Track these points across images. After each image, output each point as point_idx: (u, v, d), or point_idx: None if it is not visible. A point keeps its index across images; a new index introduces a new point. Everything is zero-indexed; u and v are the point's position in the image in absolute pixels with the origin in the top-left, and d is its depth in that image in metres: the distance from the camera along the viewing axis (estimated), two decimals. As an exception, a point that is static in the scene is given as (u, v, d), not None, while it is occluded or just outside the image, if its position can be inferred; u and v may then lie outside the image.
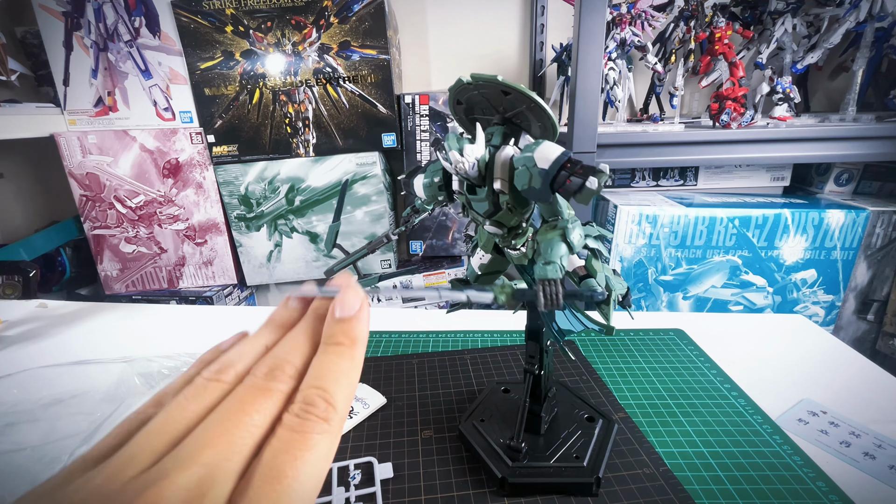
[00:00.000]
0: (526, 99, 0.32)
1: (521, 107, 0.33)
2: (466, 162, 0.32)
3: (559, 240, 0.32)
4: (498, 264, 0.42)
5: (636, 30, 1.11)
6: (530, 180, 0.31)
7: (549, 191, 0.31)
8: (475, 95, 0.35)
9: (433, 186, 0.39)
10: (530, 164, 0.31)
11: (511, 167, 0.33)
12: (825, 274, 1.07)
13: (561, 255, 0.31)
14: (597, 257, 0.34)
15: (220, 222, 1.32)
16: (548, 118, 0.33)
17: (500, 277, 0.42)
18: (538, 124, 0.34)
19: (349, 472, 0.41)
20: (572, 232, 0.32)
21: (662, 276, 1.10)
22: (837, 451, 0.43)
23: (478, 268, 0.43)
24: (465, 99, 0.36)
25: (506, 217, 0.35)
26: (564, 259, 0.32)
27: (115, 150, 1.23)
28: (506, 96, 0.33)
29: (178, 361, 0.58)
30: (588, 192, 0.29)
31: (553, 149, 0.31)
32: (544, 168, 0.30)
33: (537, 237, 0.34)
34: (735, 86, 1.04)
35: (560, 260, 0.31)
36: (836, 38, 1.08)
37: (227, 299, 1.36)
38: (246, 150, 1.26)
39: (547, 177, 0.30)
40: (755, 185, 1.22)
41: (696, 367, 0.56)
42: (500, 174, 0.33)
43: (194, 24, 1.16)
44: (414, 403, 0.51)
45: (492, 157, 0.34)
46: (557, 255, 0.31)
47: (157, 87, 1.21)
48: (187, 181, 1.27)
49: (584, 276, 0.33)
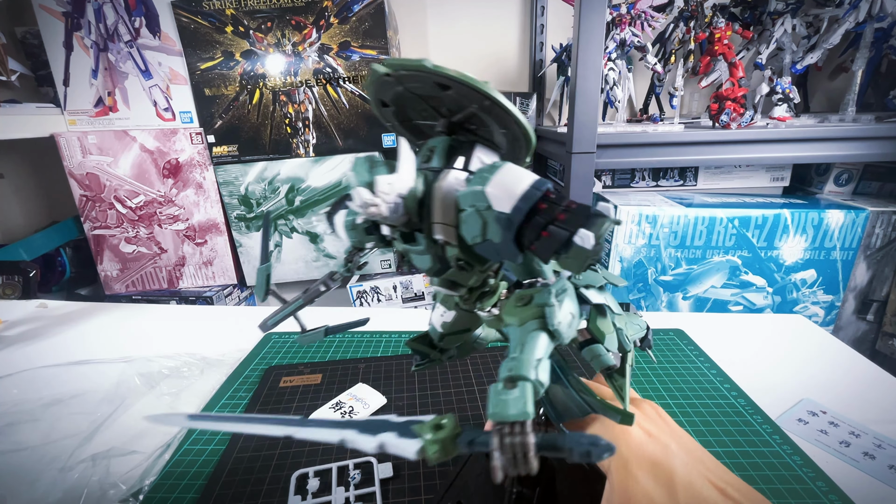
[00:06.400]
0: (475, 94, 0.21)
1: (470, 107, 0.23)
2: (382, 203, 0.22)
3: (536, 332, 0.20)
4: (466, 321, 0.31)
5: (636, 30, 1.11)
6: (484, 230, 0.21)
7: (514, 248, 0.20)
8: (402, 93, 0.24)
9: (358, 229, 0.27)
10: (481, 206, 0.20)
11: (457, 208, 0.22)
12: (825, 274, 1.07)
13: (537, 365, 0.18)
14: (604, 313, 0.26)
15: (220, 222, 1.32)
16: (514, 122, 0.22)
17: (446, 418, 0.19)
18: (501, 131, 0.23)
19: (349, 472, 0.41)
20: (558, 312, 0.20)
21: (662, 277, 1.10)
22: (837, 451, 0.43)
23: (440, 326, 0.32)
24: (391, 99, 0.25)
25: (460, 277, 0.25)
26: (544, 371, 0.18)
27: (115, 150, 1.23)
28: (445, 91, 0.22)
29: (178, 361, 0.58)
30: (579, 252, 0.18)
31: (517, 178, 0.20)
32: (504, 212, 0.20)
33: (503, 315, 0.22)
34: (735, 86, 1.04)
35: (535, 375, 0.18)
36: (836, 38, 1.08)
37: (227, 299, 1.36)
38: (246, 151, 1.26)
39: (510, 226, 0.20)
40: (755, 186, 1.22)
41: (696, 367, 0.56)
42: (442, 218, 0.22)
43: (194, 25, 1.16)
44: (414, 403, 0.51)
45: (428, 190, 0.23)
46: (530, 366, 0.18)
47: (157, 88, 1.21)
48: (187, 181, 1.27)
49: (588, 342, 0.25)
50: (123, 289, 1.35)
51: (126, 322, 0.74)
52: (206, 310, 0.78)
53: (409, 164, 0.22)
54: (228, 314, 0.76)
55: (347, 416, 0.47)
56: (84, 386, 0.54)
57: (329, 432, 0.21)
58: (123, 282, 1.34)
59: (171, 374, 0.56)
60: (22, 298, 1.04)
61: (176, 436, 0.46)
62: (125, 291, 1.35)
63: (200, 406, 0.51)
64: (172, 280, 1.35)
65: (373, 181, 0.22)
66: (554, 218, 0.19)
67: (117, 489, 0.40)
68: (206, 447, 0.45)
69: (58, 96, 1.19)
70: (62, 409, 0.50)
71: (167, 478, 0.41)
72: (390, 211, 0.22)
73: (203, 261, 1.34)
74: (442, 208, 0.22)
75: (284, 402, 0.51)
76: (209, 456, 0.44)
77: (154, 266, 1.34)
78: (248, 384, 0.55)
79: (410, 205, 0.22)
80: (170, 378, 0.56)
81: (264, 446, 0.45)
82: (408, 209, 0.22)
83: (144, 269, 1.34)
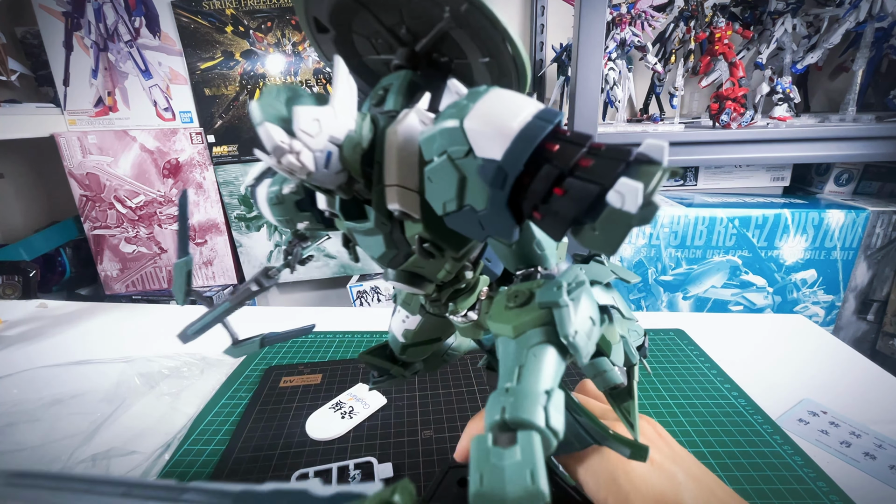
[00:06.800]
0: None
1: (442, 18, 0.16)
2: (305, 150, 0.15)
3: (541, 348, 0.13)
4: (436, 329, 0.25)
5: (636, 30, 1.11)
6: (461, 190, 0.14)
7: (507, 218, 0.14)
8: (344, 5, 0.17)
9: (286, 203, 0.21)
10: (457, 151, 0.14)
11: (421, 161, 0.15)
12: (825, 274, 1.07)
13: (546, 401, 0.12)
14: (611, 318, 0.19)
15: (220, 222, 1.32)
16: (503, 39, 0.16)
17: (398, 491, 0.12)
18: (483, 61, 0.17)
19: (349, 472, 0.41)
20: (573, 316, 0.14)
21: (662, 277, 1.10)
22: (838, 451, 0.43)
23: (401, 335, 0.25)
24: (328, 14, 0.17)
25: (426, 267, 0.18)
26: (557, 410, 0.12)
27: (115, 150, 1.23)
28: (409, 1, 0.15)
29: (178, 361, 0.58)
30: (616, 218, 0.12)
31: (513, 105, 0.14)
32: (492, 159, 0.13)
33: (490, 322, 0.15)
34: (735, 86, 1.04)
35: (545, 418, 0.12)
36: (836, 38, 1.08)
37: (227, 299, 1.36)
38: (246, 151, 1.26)
39: (501, 181, 0.13)
40: (755, 185, 1.22)
41: (696, 367, 0.56)
42: (398, 178, 0.15)
43: (194, 25, 1.16)
44: (414, 403, 0.50)
45: (379, 138, 0.16)
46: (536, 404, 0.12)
47: (157, 87, 1.21)
48: (187, 181, 1.27)
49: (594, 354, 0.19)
50: (123, 289, 1.35)
51: (126, 322, 0.74)
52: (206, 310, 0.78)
53: (346, 91, 0.15)
54: (228, 314, 0.76)
55: (347, 417, 0.47)
56: (84, 386, 0.54)
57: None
58: (123, 282, 1.34)
59: (171, 374, 0.56)
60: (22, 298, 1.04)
61: (176, 436, 0.46)
62: (125, 291, 1.35)
63: (201, 406, 0.51)
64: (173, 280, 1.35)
65: (290, 115, 0.14)
66: (573, 166, 0.12)
67: (117, 489, 0.39)
68: (207, 447, 0.45)
69: (58, 96, 1.19)
70: (62, 409, 0.50)
71: (167, 478, 0.41)
72: (318, 163, 0.15)
73: (203, 261, 1.34)
74: (399, 163, 0.15)
75: (284, 402, 0.51)
76: (209, 456, 0.44)
77: (154, 266, 1.34)
78: (248, 384, 0.55)
79: (350, 156, 0.15)
80: (170, 378, 0.55)
81: (264, 446, 0.44)
82: (347, 163, 0.15)
83: (144, 269, 1.34)
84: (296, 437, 0.45)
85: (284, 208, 0.21)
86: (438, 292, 0.20)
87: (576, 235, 0.13)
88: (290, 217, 0.21)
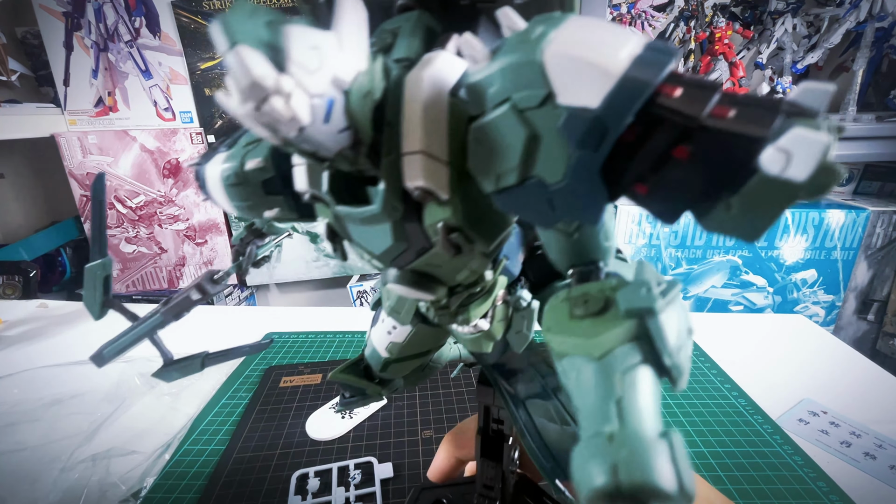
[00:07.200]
0: None
1: None
2: (301, 95, 0.10)
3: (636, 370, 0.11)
4: (429, 340, 0.21)
5: (636, 30, 1.11)
6: (528, 154, 0.11)
7: (601, 191, 0.11)
8: None
9: (249, 183, 0.16)
10: (529, 98, 0.10)
11: (457, 114, 0.11)
12: (825, 274, 1.07)
13: (671, 451, 0.10)
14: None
15: (220, 222, 1.32)
16: None
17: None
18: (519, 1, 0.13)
19: (349, 472, 0.41)
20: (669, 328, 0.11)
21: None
22: (838, 451, 0.43)
23: (385, 349, 0.22)
24: None
25: (446, 267, 0.14)
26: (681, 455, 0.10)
27: (115, 150, 1.23)
28: None
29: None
30: (772, 186, 0.09)
31: (611, 34, 0.10)
32: (585, 106, 0.09)
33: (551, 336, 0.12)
34: (735, 86, 1.04)
35: (678, 480, 0.09)
36: (836, 38, 1.08)
37: (228, 299, 1.36)
38: (246, 151, 1.26)
39: (597, 139, 0.10)
40: (755, 185, 1.22)
41: (696, 367, 0.56)
42: (422, 142, 0.11)
43: (194, 24, 1.16)
44: (414, 403, 0.50)
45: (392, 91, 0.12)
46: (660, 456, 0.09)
47: (157, 87, 1.21)
48: (187, 181, 1.27)
49: None
50: (124, 289, 1.35)
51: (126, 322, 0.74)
52: (206, 310, 0.78)
53: (353, 15, 0.10)
54: (229, 314, 0.76)
55: (347, 416, 0.47)
56: (84, 386, 0.54)
57: None
58: (124, 282, 1.34)
59: (171, 374, 0.56)
60: (22, 298, 1.04)
61: (176, 436, 0.46)
62: (125, 291, 1.35)
63: (201, 406, 0.51)
64: (173, 280, 1.35)
65: (279, 40, 0.10)
66: (706, 116, 0.09)
67: (117, 489, 0.40)
68: (207, 447, 0.45)
69: (58, 96, 1.19)
70: (62, 409, 0.50)
71: (167, 478, 0.41)
72: (315, 113, 0.10)
73: (203, 261, 1.35)
74: (424, 123, 0.11)
75: (284, 403, 0.51)
76: (209, 456, 0.44)
77: (154, 266, 1.34)
78: (248, 384, 0.55)
79: (360, 109, 0.11)
80: (170, 378, 0.55)
81: (264, 446, 0.44)
82: (354, 118, 0.11)
83: (145, 269, 1.34)
84: (296, 437, 0.45)
85: (247, 190, 0.16)
86: (449, 297, 0.16)
87: (699, 217, 0.10)
88: (254, 202, 0.16)
